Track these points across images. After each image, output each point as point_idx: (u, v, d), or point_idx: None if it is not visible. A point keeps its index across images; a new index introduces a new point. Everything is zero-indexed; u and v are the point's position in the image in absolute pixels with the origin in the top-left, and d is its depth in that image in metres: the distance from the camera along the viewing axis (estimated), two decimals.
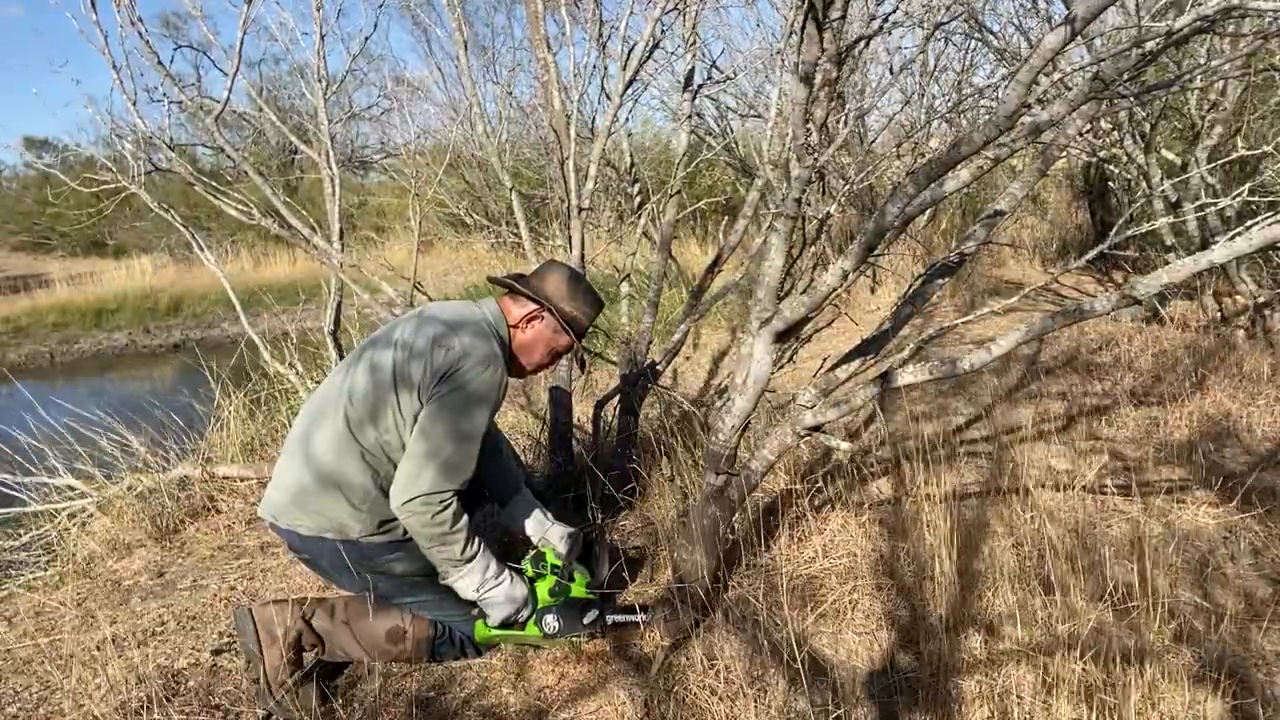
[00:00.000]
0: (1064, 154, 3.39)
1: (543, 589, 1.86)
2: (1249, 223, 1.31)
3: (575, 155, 2.53)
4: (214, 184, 2.81)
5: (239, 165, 2.76)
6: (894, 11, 1.35)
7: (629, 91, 2.50)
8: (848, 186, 1.56)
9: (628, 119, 2.88)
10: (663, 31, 2.52)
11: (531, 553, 1.93)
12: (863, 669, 1.77)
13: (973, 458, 2.82)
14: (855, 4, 1.45)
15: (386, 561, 1.78)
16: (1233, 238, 1.28)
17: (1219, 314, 4.30)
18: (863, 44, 1.38)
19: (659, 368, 2.70)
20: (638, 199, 2.99)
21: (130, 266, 12.62)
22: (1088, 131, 4.32)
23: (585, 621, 1.85)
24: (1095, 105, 1.27)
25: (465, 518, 1.71)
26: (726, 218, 3.10)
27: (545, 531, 2.01)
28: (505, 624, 1.81)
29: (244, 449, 3.43)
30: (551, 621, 1.82)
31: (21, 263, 17.25)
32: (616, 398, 2.80)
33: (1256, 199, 3.47)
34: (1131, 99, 1.23)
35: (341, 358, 2.85)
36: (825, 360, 1.92)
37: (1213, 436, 2.86)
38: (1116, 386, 3.46)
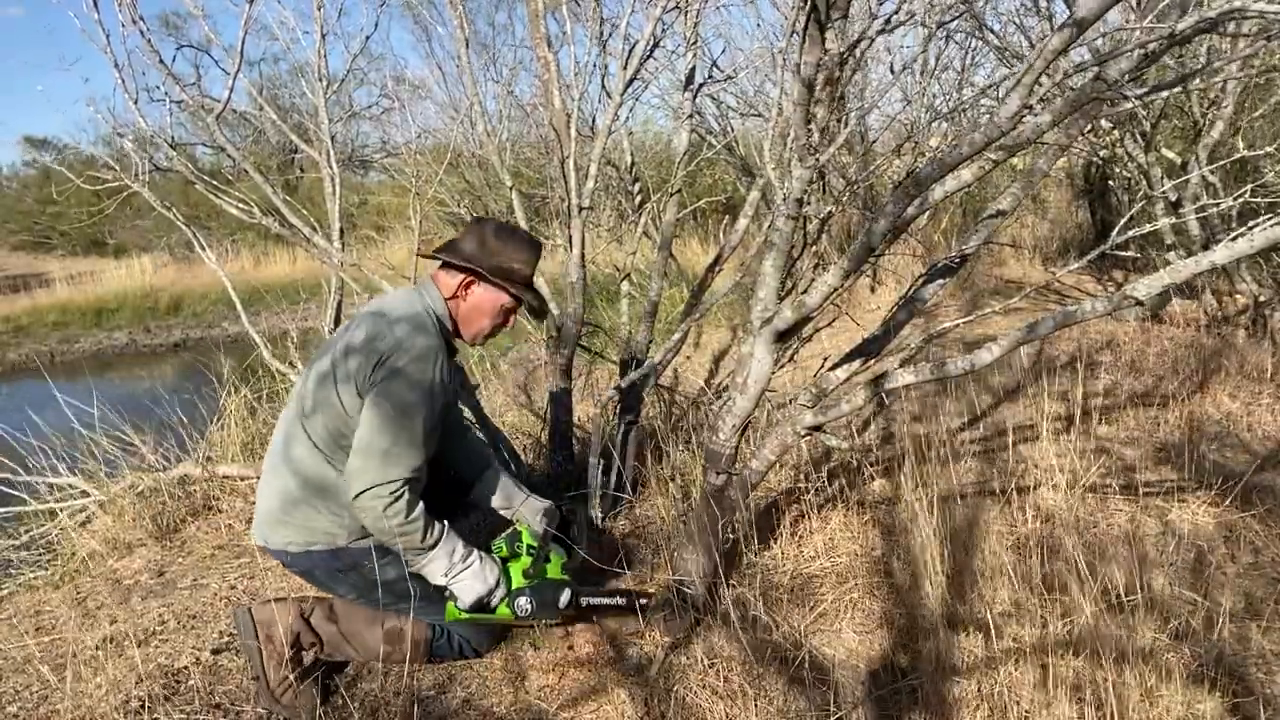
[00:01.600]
0: (1065, 153, 3.39)
1: (516, 571, 1.84)
2: (1251, 223, 1.31)
3: (576, 154, 2.53)
4: (214, 183, 2.81)
5: (239, 164, 2.76)
6: (896, 11, 1.35)
7: (630, 90, 2.49)
8: (849, 186, 1.56)
9: (628, 118, 2.88)
10: (664, 30, 2.52)
11: (507, 532, 1.91)
12: (862, 669, 1.77)
13: (973, 457, 2.82)
14: (857, 3, 1.45)
15: (379, 565, 1.79)
16: (1234, 238, 1.28)
17: (1220, 313, 4.30)
18: (865, 44, 1.38)
19: (659, 367, 2.70)
20: (638, 198, 2.99)
21: (130, 266, 12.61)
22: (1088, 131, 4.32)
23: (560, 604, 1.83)
24: (1097, 106, 1.27)
25: (420, 505, 1.70)
26: (727, 217, 3.10)
27: (519, 505, 1.99)
28: (477, 607, 1.79)
29: (244, 448, 3.43)
30: (524, 604, 1.80)
31: (21, 262, 17.24)
32: (616, 398, 2.80)
33: (1257, 199, 3.47)
34: (1134, 100, 1.23)
35: None
36: (825, 360, 1.92)
37: (1213, 436, 2.86)
38: (1117, 386, 3.46)
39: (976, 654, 1.73)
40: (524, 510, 1.99)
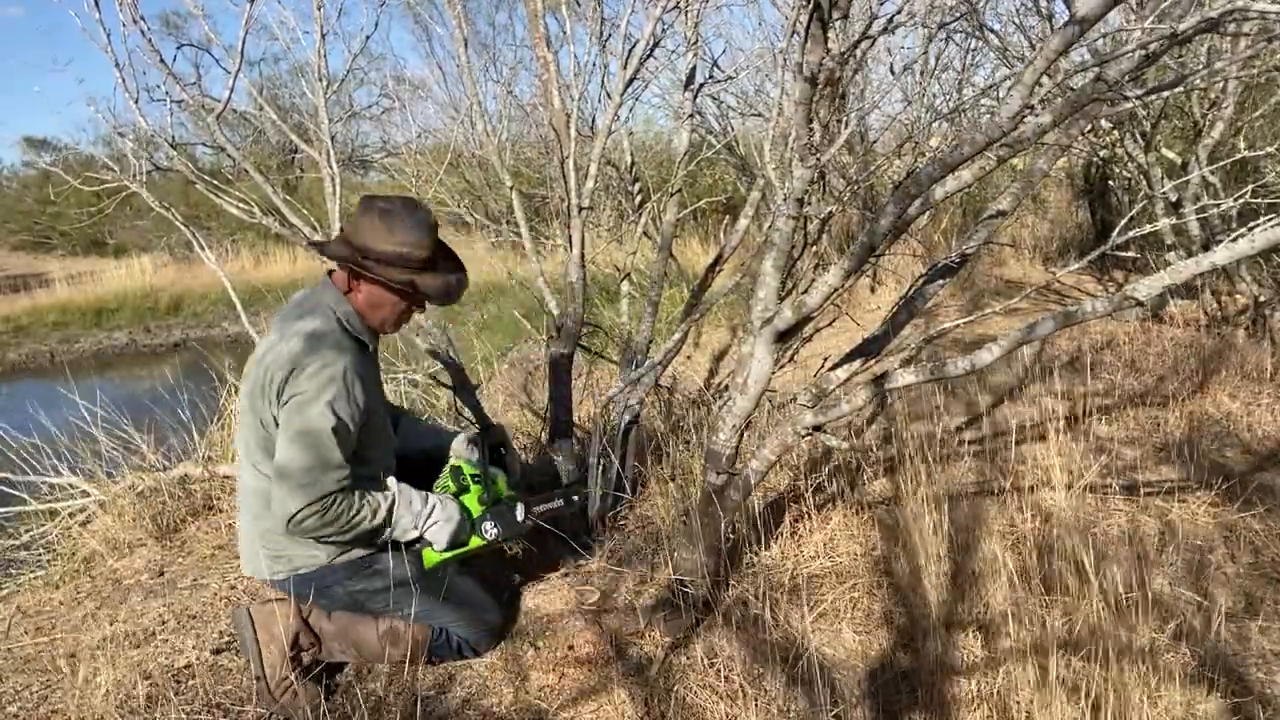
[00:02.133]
0: (1065, 153, 3.39)
1: (471, 500, 1.91)
2: (1251, 224, 1.31)
3: (575, 154, 2.53)
4: (214, 183, 2.81)
5: (239, 164, 2.75)
6: (898, 12, 1.35)
7: (630, 90, 2.49)
8: (849, 186, 1.56)
9: (628, 118, 2.88)
10: (664, 29, 2.52)
11: (447, 468, 1.96)
12: (862, 668, 1.77)
13: (973, 457, 2.82)
14: (857, 3, 1.45)
15: (370, 573, 1.80)
16: (1235, 239, 1.28)
17: (1220, 313, 4.30)
18: (867, 44, 1.38)
19: (659, 367, 2.70)
20: (638, 198, 2.99)
21: (130, 266, 12.60)
22: (1088, 131, 4.32)
23: (519, 518, 1.93)
24: (1097, 106, 1.27)
25: (357, 495, 1.69)
26: (728, 217, 3.10)
27: (445, 442, 2.04)
28: (452, 544, 1.84)
29: None
30: (490, 527, 1.89)
31: (21, 262, 17.22)
32: (617, 397, 2.80)
33: (1258, 200, 3.47)
34: (1134, 100, 1.23)
35: None
36: (826, 360, 1.92)
37: (1213, 436, 2.86)
38: (1117, 386, 3.46)
39: (976, 654, 1.74)
40: (455, 447, 2.03)
